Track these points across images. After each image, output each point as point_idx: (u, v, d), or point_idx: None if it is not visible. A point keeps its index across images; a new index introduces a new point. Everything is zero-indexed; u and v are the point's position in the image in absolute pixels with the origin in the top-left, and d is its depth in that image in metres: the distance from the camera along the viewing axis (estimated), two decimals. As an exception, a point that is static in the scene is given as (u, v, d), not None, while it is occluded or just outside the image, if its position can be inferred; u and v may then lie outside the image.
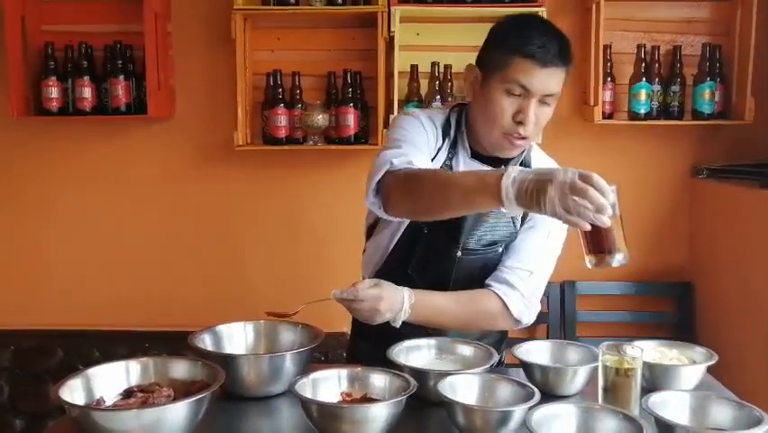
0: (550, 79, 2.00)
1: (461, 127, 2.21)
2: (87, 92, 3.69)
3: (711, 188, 3.66)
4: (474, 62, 2.14)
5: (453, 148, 2.19)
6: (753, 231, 3.29)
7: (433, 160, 2.15)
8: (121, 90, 3.69)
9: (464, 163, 2.18)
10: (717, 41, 3.67)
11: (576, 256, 3.91)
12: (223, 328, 2.18)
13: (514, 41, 1.99)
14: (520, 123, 2.02)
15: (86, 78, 3.69)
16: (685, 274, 3.87)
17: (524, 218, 2.23)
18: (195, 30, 3.82)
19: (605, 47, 3.63)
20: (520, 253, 2.21)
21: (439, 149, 2.18)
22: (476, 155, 2.18)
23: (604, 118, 3.62)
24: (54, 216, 3.98)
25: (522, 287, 2.20)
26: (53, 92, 3.69)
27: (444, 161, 2.18)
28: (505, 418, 1.67)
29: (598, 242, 1.81)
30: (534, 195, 1.65)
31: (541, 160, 2.30)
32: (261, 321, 2.22)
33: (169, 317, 3.75)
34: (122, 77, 3.69)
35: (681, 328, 3.80)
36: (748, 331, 3.29)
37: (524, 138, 2.07)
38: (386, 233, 2.28)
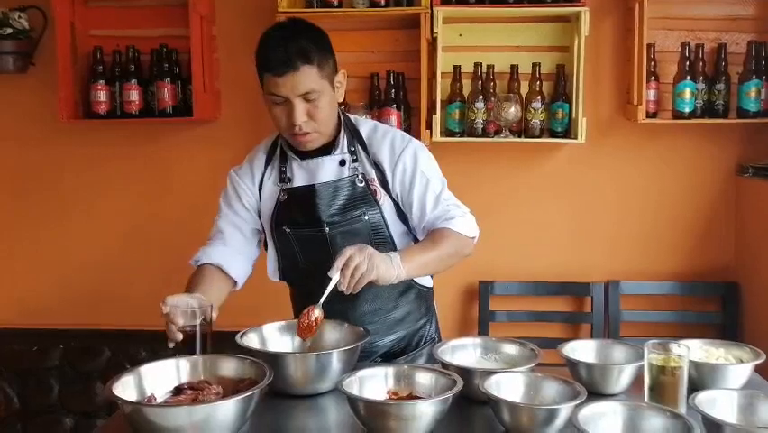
0: (296, 82, 2.18)
1: (281, 141, 2.43)
2: (135, 95, 3.74)
3: (757, 186, 3.62)
4: None
5: (284, 161, 2.41)
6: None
7: (261, 185, 2.44)
8: (167, 93, 3.73)
9: (298, 166, 2.39)
10: (763, 39, 3.62)
11: (620, 256, 3.92)
12: (269, 327, 2.23)
13: (259, 59, 2.23)
14: (293, 124, 2.22)
15: (134, 81, 3.75)
16: (731, 274, 3.83)
17: (385, 187, 2.36)
18: (239, 33, 3.85)
19: (648, 46, 3.59)
20: (428, 203, 2.35)
21: (263, 175, 2.44)
22: (307, 153, 2.36)
23: (648, 117, 3.60)
24: (102, 218, 4.05)
25: (456, 213, 2.35)
26: (101, 96, 3.75)
27: (279, 176, 2.41)
28: (551, 415, 1.68)
29: None
30: None
31: (368, 128, 2.44)
32: (307, 320, 2.26)
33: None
34: (168, 80, 3.74)
35: (726, 329, 3.76)
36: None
37: (306, 134, 2.26)
38: (270, 244, 2.48)
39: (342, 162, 2.35)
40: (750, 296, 3.72)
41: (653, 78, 3.66)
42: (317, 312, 2.11)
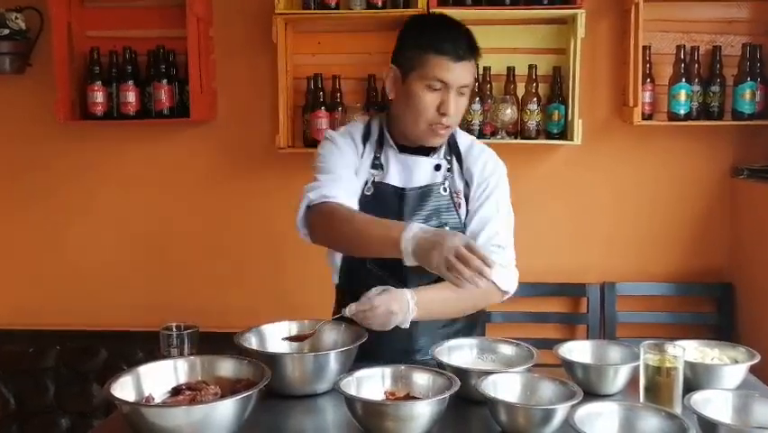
0: (464, 72, 2.22)
1: (385, 127, 2.39)
2: (131, 96, 3.74)
3: (752, 188, 3.63)
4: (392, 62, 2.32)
5: (380, 147, 2.37)
6: (794, 231, 3.26)
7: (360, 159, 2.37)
8: (164, 94, 3.73)
9: (395, 158, 2.35)
10: (758, 41, 3.63)
11: (616, 257, 3.92)
12: (267, 328, 2.22)
13: (428, 40, 2.21)
14: (443, 114, 2.21)
15: (130, 82, 3.74)
16: (725, 275, 3.84)
17: (467, 198, 2.35)
18: (236, 34, 3.86)
19: (644, 48, 3.60)
20: (483, 231, 2.33)
21: (362, 153, 2.37)
22: (405, 149, 2.35)
23: (643, 119, 3.60)
24: (99, 219, 4.04)
25: (499, 260, 2.23)
26: (98, 97, 3.74)
27: (373, 161, 2.36)
28: (548, 416, 1.69)
29: None
30: (425, 254, 1.94)
31: (466, 142, 2.44)
32: (305, 321, 2.26)
33: (211, 319, 3.78)
34: (165, 81, 3.74)
35: (721, 330, 3.76)
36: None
37: (447, 127, 2.27)
38: None
39: (438, 167, 2.34)
40: (744, 297, 3.73)
41: (648, 80, 3.67)
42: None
